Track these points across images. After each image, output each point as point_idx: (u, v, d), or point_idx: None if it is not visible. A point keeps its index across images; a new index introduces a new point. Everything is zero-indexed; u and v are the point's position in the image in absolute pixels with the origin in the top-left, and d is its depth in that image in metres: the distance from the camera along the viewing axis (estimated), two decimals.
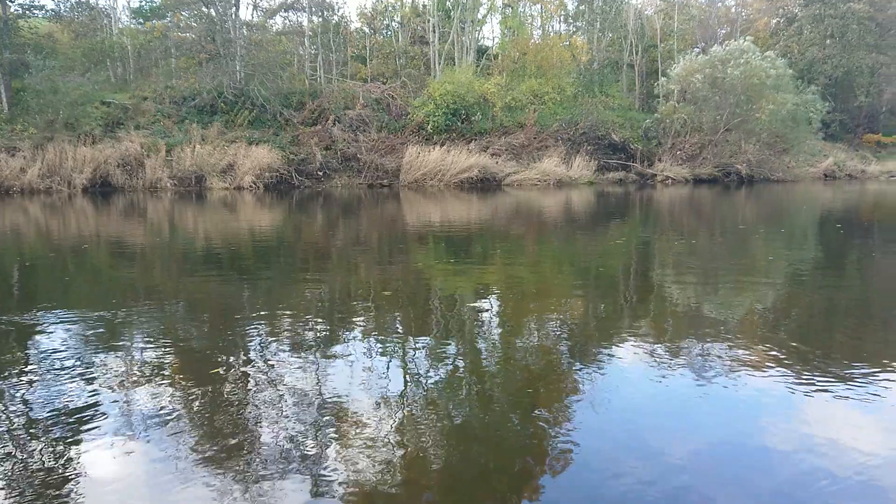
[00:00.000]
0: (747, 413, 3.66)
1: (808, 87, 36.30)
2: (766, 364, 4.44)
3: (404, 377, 4.28)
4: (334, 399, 3.84)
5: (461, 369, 4.46)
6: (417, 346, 4.98)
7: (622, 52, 45.18)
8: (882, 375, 4.22)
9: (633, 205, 20.74)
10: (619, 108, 36.98)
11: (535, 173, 28.39)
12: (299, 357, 4.64)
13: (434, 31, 35.69)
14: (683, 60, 34.74)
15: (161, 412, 3.64)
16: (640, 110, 39.65)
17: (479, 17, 38.62)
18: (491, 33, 60.78)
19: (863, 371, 4.30)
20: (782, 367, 4.39)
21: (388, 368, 4.41)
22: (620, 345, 4.96)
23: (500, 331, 5.52)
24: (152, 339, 5.12)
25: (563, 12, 47.30)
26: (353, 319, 5.87)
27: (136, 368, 4.41)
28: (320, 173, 26.55)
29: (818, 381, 4.11)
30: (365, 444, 3.27)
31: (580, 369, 4.39)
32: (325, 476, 2.96)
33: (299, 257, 10.08)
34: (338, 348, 4.90)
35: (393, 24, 42.95)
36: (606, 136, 31.65)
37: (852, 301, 6.89)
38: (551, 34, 44.49)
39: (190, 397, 3.89)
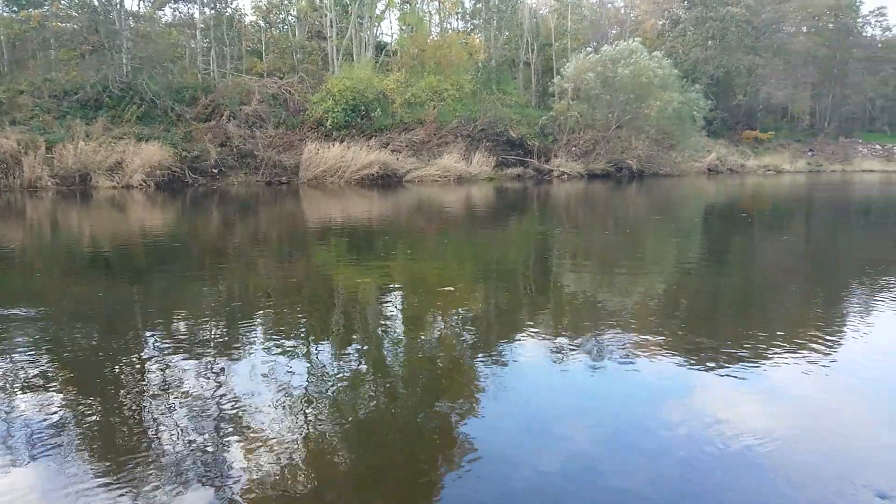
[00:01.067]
0: (645, 397, 3.84)
1: (692, 87, 38.19)
2: (661, 349, 4.66)
3: (306, 377, 4.23)
4: (233, 403, 3.75)
5: (364, 366, 4.45)
6: (319, 345, 4.94)
7: (518, 50, 46.07)
8: (765, 356, 4.52)
9: (531, 200, 21.23)
10: (516, 105, 37.75)
11: (435, 169, 28.55)
12: (195, 362, 4.49)
13: (332, 27, 35.22)
14: (576, 59, 35.81)
15: (43, 428, 3.44)
16: (537, 107, 40.57)
17: (378, 12, 38.42)
18: (390, 29, 60.59)
19: (748, 353, 4.59)
20: (675, 351, 4.63)
21: (288, 369, 4.34)
22: (522, 336, 5.08)
23: (402, 326, 5.54)
24: (33, 349, 4.82)
25: (460, 10, 47.73)
26: (253, 320, 5.74)
27: (13, 382, 4.15)
28: (215, 171, 25.67)
29: (708, 364, 4.36)
30: (266, 447, 3.21)
31: (483, 362, 4.47)
32: (225, 483, 2.89)
33: (195, 258, 9.73)
34: (236, 351, 4.77)
35: (289, 18, 42.12)
36: (505, 133, 32.23)
37: (737, 287, 7.34)
38: (449, 31, 44.87)
39: (76, 410, 3.70)
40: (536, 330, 5.28)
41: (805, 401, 3.80)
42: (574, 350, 4.69)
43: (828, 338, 5.00)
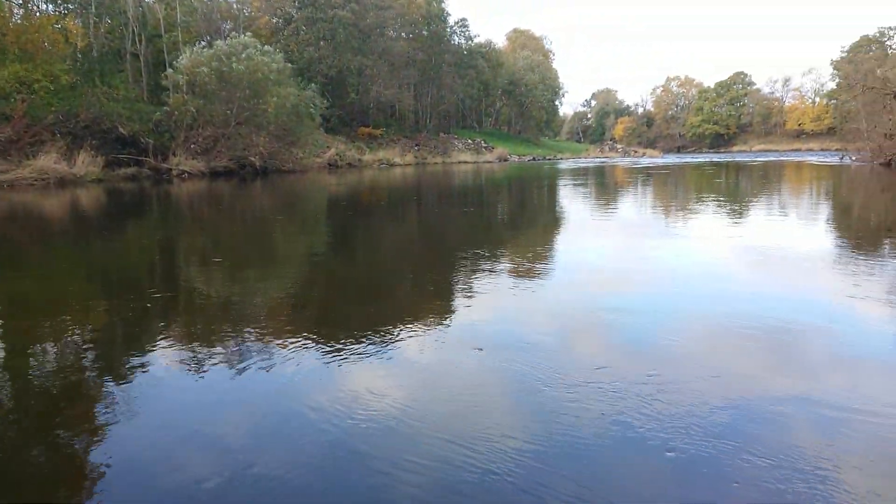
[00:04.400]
0: (289, 391, 3.87)
1: (308, 84, 39.49)
2: (298, 342, 4.76)
3: None
4: None
5: None
6: None
7: (124, 40, 42.58)
8: (393, 337, 4.90)
9: (150, 201, 19.89)
10: (125, 99, 34.79)
11: (29, 172, 25.00)
12: None
13: None
14: (189, 52, 34.43)
15: None
16: (150, 103, 38.00)
17: None
18: None
19: (379, 335, 4.93)
20: (312, 342, 4.77)
21: None
22: (152, 348, 4.73)
23: (8, 357, 4.74)
24: None
25: None
26: None
27: None
28: None
29: (345, 350, 4.57)
30: None
31: (108, 382, 4.06)
32: None
33: None
34: None
35: None
36: (113, 130, 29.56)
37: (362, 275, 7.82)
38: (38, 14, 39.47)
39: None
40: (168, 340, 4.95)
41: (427, 368, 4.24)
42: (211, 355, 4.53)
43: (438, 314, 5.66)
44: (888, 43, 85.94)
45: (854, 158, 40.89)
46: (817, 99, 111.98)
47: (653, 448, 3.05)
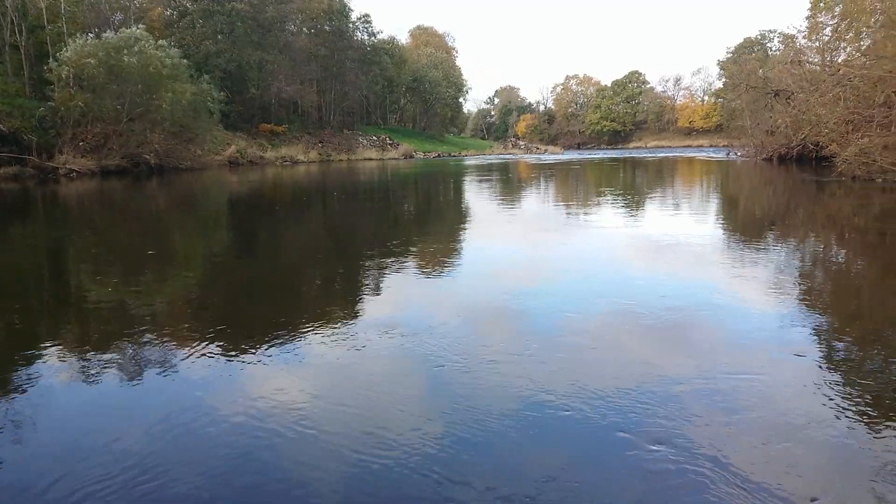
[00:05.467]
0: (190, 396, 3.71)
1: (205, 79, 38.20)
2: (201, 345, 4.57)
3: None
4: None
5: None
6: None
7: (2, 30, 39.83)
8: (297, 336, 4.79)
9: (34, 202, 18.73)
10: (4, 94, 32.57)
11: None
12: None
13: None
14: (75, 44, 32.57)
15: None
16: (34, 97, 35.73)
17: None
18: None
19: (284, 335, 4.80)
20: (215, 344, 4.59)
21: None
22: (44, 361, 4.41)
23: None
24: None
25: None
26: None
27: None
28: None
29: (250, 352, 4.43)
30: None
31: None
32: None
33: None
34: None
35: None
36: None
37: (266, 275, 7.60)
38: None
39: None
40: (62, 350, 4.62)
41: (333, 365, 4.17)
42: (107, 364, 4.27)
43: (347, 310, 5.60)
44: (769, 45, 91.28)
45: (740, 154, 43.22)
46: (706, 97, 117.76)
47: (550, 413, 3.11)
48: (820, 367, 3.99)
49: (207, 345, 4.63)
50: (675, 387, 3.66)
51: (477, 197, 18.93)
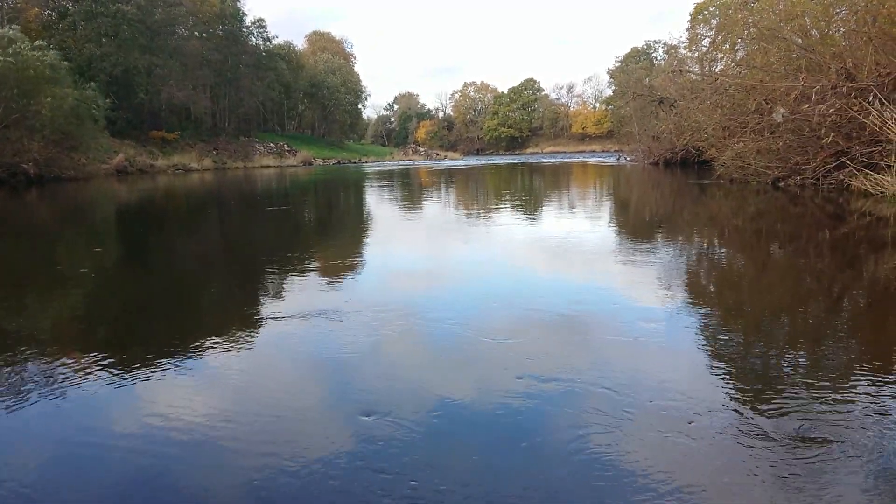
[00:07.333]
0: (82, 418, 3.49)
1: (88, 84, 36.35)
2: (92, 365, 4.31)
3: None
4: None
5: None
6: None
7: None
8: (193, 351, 4.59)
9: None
10: None
11: None
12: None
13: None
14: None
15: None
16: None
17: None
18: None
19: (179, 351, 4.59)
20: (107, 363, 4.34)
21: None
22: None
23: None
24: None
25: None
26: None
27: None
28: None
29: (144, 369, 4.21)
30: None
31: None
32: None
33: None
34: None
35: None
36: None
37: (157, 289, 7.26)
38: None
39: None
40: None
41: (231, 380, 4.04)
42: None
43: (244, 323, 5.43)
44: (654, 55, 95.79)
45: (629, 159, 45.11)
46: (598, 105, 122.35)
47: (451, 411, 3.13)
48: (706, 355, 4.22)
49: (98, 365, 4.39)
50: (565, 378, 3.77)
51: (378, 203, 18.89)
